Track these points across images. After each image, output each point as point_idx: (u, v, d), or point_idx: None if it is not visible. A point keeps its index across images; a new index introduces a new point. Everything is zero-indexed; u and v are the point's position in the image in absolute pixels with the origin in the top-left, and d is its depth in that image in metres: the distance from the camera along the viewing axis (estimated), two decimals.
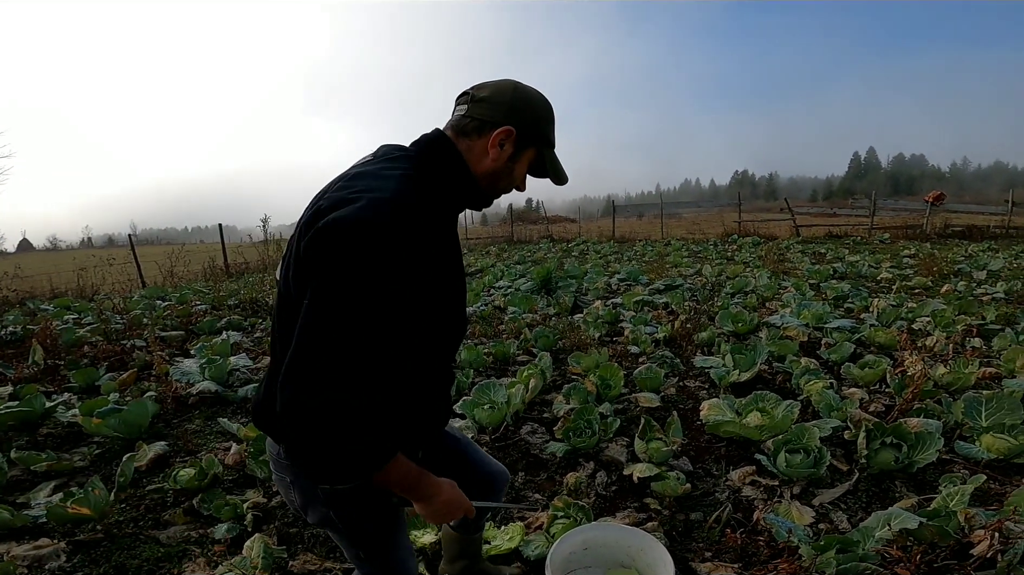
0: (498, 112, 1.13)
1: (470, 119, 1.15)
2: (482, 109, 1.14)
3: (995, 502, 2.21)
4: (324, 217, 0.95)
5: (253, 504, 2.46)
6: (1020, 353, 3.70)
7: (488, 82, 1.18)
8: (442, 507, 1.15)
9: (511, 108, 1.13)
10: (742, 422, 2.78)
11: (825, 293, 6.82)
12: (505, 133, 1.13)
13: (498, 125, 1.13)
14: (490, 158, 1.15)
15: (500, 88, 1.15)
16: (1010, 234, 15.02)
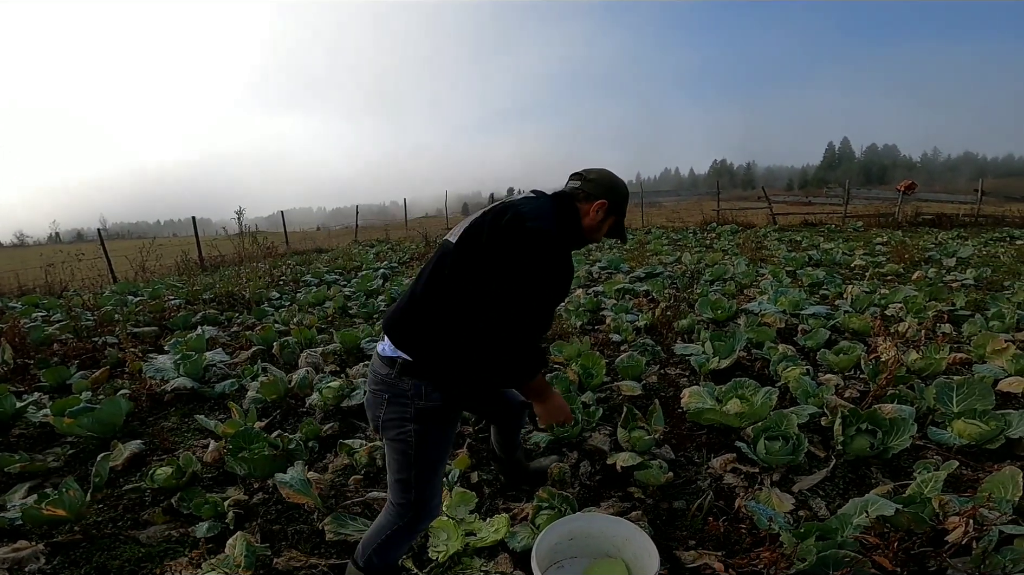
0: (599, 190, 1.79)
1: (583, 192, 1.80)
2: (590, 187, 1.79)
3: (968, 488, 2.28)
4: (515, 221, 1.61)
5: (234, 502, 2.43)
6: (990, 339, 3.81)
7: (593, 169, 1.84)
8: (554, 408, 1.82)
9: (607, 189, 1.79)
10: (722, 409, 2.82)
11: (801, 280, 6.94)
12: (601, 204, 1.78)
13: (599, 198, 1.78)
14: (590, 218, 1.79)
15: (602, 175, 1.82)
16: (979, 222, 15.45)
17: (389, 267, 9.90)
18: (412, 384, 1.63)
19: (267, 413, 3.47)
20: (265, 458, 2.57)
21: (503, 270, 1.56)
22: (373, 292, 7.39)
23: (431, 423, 1.66)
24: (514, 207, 1.67)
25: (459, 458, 2.69)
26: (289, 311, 6.19)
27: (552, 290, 1.62)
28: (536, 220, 1.62)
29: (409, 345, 1.64)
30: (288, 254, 13.79)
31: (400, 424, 1.65)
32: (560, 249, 1.63)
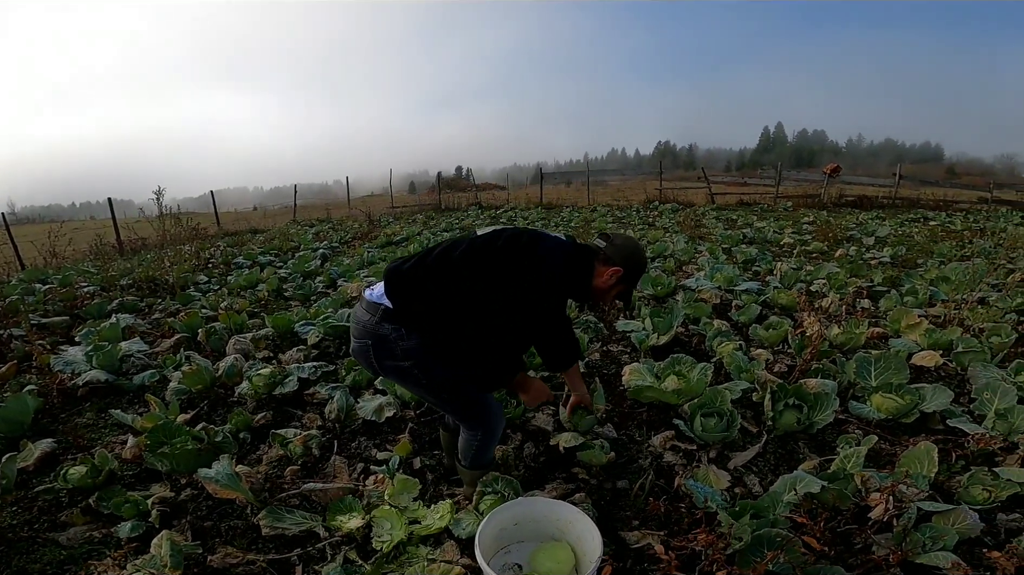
0: (619, 256, 1.89)
1: (604, 253, 1.90)
2: (612, 251, 1.90)
3: (887, 463, 2.41)
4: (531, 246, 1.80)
5: (159, 499, 2.30)
6: (904, 314, 4.08)
7: (620, 234, 1.98)
8: (536, 393, 2.02)
9: (626, 258, 1.89)
10: (661, 387, 2.87)
11: (736, 257, 7.21)
12: (616, 271, 1.88)
13: (616, 264, 1.88)
14: (603, 280, 1.90)
15: (627, 243, 1.93)
16: (896, 204, 16.56)
17: (329, 247, 9.54)
18: (391, 328, 1.79)
19: (193, 404, 3.29)
20: (188, 453, 2.43)
21: (501, 281, 1.73)
22: (310, 273, 7.09)
23: (423, 355, 1.81)
24: (541, 235, 1.86)
25: (400, 444, 2.64)
26: (218, 295, 5.84)
27: (532, 318, 1.79)
28: (550, 253, 1.79)
29: (398, 297, 1.78)
30: (219, 235, 13.04)
31: (397, 366, 1.83)
32: (556, 288, 1.79)
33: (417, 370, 1.83)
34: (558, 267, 1.78)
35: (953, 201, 17.54)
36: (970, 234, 10.21)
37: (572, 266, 1.86)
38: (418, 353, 1.81)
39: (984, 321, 4.13)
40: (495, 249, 1.77)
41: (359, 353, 1.89)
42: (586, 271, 1.89)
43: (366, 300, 1.87)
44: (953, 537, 1.76)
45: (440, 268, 1.78)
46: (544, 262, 1.76)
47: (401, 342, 1.79)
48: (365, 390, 3.30)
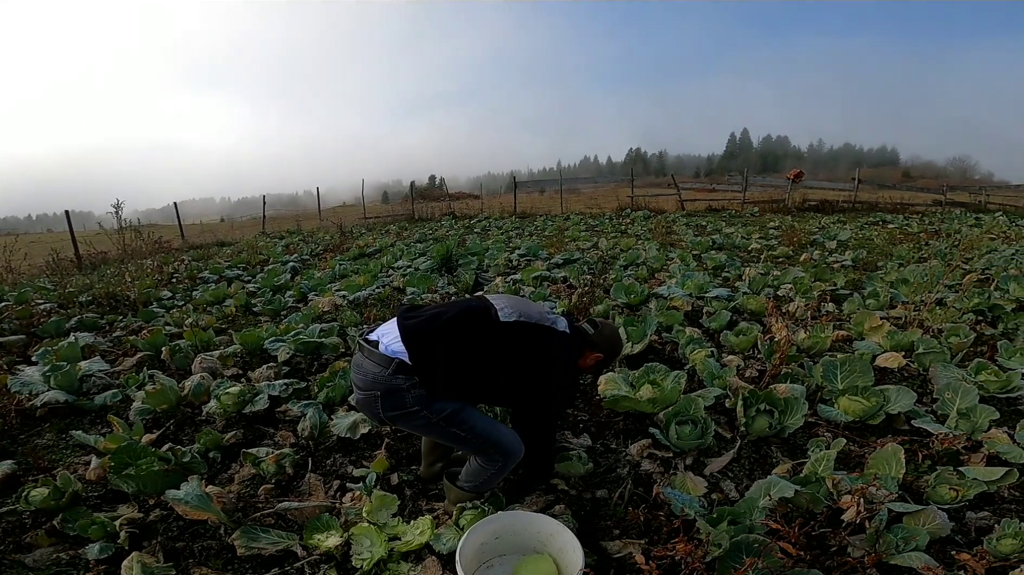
0: (603, 346, 2.21)
1: (590, 339, 2.18)
2: (598, 339, 2.19)
3: (856, 465, 2.48)
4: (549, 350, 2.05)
5: (127, 520, 2.24)
6: (867, 316, 4.21)
7: (608, 325, 2.29)
8: None
9: (608, 348, 2.24)
10: (636, 396, 2.90)
11: (706, 263, 7.34)
12: (598, 358, 2.22)
13: (599, 351, 2.21)
14: (585, 360, 2.21)
15: (612, 335, 2.27)
16: (856, 208, 17.15)
17: (300, 260, 9.36)
18: (404, 379, 1.86)
19: (158, 424, 3.19)
20: (155, 474, 2.36)
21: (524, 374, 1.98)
22: (280, 287, 6.93)
23: (435, 400, 1.89)
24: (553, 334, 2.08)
25: (377, 460, 2.60)
26: (182, 312, 5.67)
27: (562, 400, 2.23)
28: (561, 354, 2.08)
29: (420, 357, 1.86)
30: (183, 249, 12.69)
31: (410, 414, 1.90)
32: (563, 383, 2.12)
33: (424, 411, 1.89)
34: (565, 366, 2.09)
35: (909, 204, 18.27)
36: (926, 236, 10.64)
37: (572, 357, 2.14)
38: (427, 399, 1.88)
39: (943, 322, 4.29)
40: (516, 341, 1.97)
41: (365, 404, 1.96)
42: (578, 352, 2.16)
43: (378, 353, 1.89)
44: (924, 538, 1.81)
45: (462, 339, 1.92)
46: (555, 362, 2.03)
47: (413, 390, 1.86)
48: (339, 407, 3.24)
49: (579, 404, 3.25)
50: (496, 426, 2.04)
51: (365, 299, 5.86)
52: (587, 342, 2.17)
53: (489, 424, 2.02)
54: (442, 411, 1.91)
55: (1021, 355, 3.58)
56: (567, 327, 2.15)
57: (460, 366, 1.90)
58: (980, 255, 7.88)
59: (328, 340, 4.11)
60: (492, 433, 2.00)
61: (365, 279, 6.61)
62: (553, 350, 2.03)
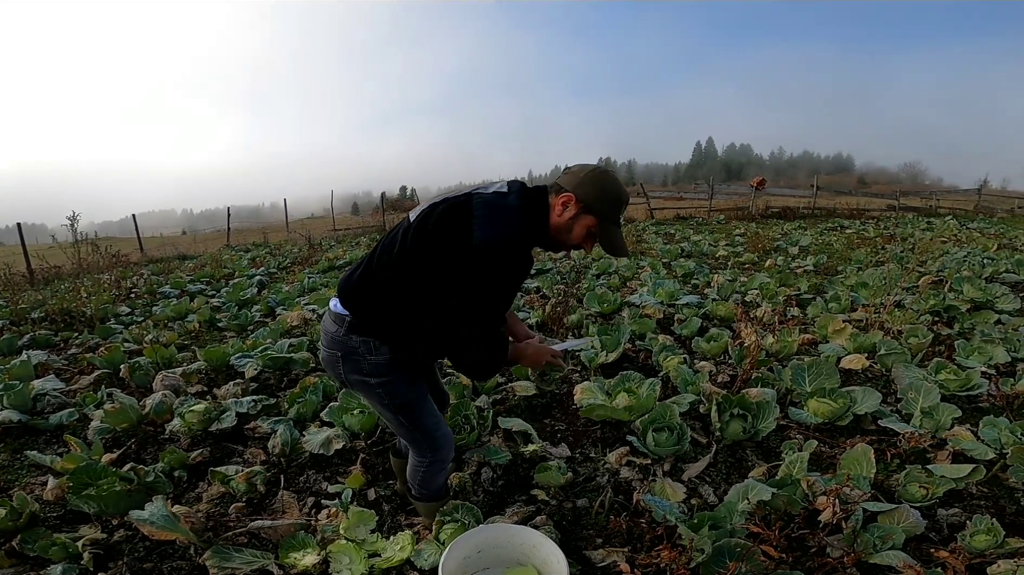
0: (570, 183, 1.59)
1: (555, 184, 1.63)
2: (564, 178, 1.62)
3: (829, 465, 2.53)
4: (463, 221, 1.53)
5: (90, 541, 2.16)
6: (830, 320, 4.33)
7: (586, 164, 1.63)
8: (532, 358, 1.82)
9: (580, 182, 1.58)
10: (612, 404, 2.90)
11: (676, 271, 7.46)
12: (566, 198, 1.59)
13: (566, 191, 1.59)
14: (555, 214, 1.62)
15: (583, 168, 1.62)
16: (815, 214, 17.78)
17: (267, 273, 9.13)
18: (360, 341, 1.70)
19: (119, 443, 3.09)
20: (117, 494, 2.29)
21: (440, 266, 1.55)
22: (247, 302, 6.74)
23: (391, 374, 1.74)
24: (470, 204, 1.57)
25: (352, 476, 2.55)
26: (142, 328, 5.46)
27: (490, 291, 1.56)
28: (484, 227, 1.51)
29: (355, 309, 1.70)
30: (142, 262, 12.25)
31: (364, 381, 1.75)
32: (503, 255, 1.51)
33: (381, 389, 1.76)
34: (494, 243, 1.49)
35: (865, 209, 19.04)
36: (882, 240, 11.07)
37: (522, 219, 1.58)
38: (384, 370, 1.74)
39: (902, 323, 4.44)
40: (428, 232, 1.56)
41: (328, 362, 1.82)
42: (539, 213, 1.63)
43: (331, 310, 1.78)
44: (900, 536, 1.85)
45: (384, 268, 1.64)
46: (484, 247, 1.49)
47: (369, 356, 1.72)
48: (311, 422, 3.16)
49: (556, 414, 3.25)
50: (439, 426, 1.94)
51: None
52: (550, 190, 1.65)
53: (434, 423, 1.91)
54: (397, 397, 1.78)
55: (978, 354, 3.74)
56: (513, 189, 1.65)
57: (391, 301, 1.64)
58: (934, 258, 8.23)
59: (298, 355, 4.00)
60: (433, 432, 1.91)
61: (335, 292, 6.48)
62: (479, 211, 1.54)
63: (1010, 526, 2.10)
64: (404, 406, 1.82)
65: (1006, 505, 2.29)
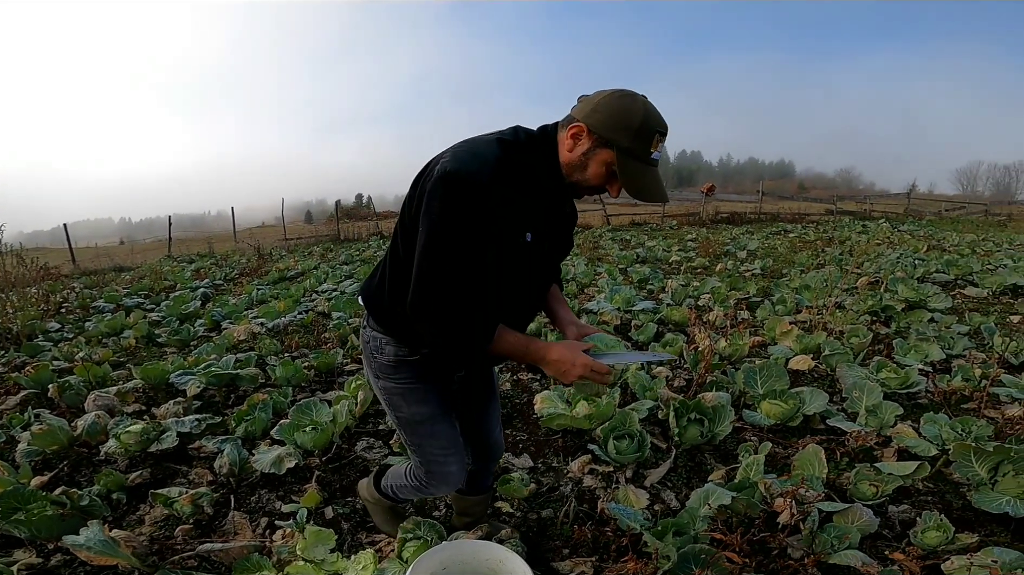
0: (582, 111, 1.28)
1: (568, 115, 1.33)
2: (578, 108, 1.31)
3: (783, 467, 2.58)
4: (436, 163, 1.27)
5: (25, 566, 2.07)
6: (777, 322, 4.48)
7: (607, 89, 1.30)
8: (555, 366, 1.36)
9: (593, 109, 1.27)
10: (572, 413, 2.89)
11: (631, 277, 7.58)
12: (577, 129, 1.28)
13: (576, 122, 1.28)
14: (566, 148, 1.31)
15: (601, 92, 1.30)
16: (761, 219, 18.53)
17: (211, 285, 8.72)
18: (371, 336, 1.54)
19: (50, 466, 2.91)
20: (49, 518, 2.16)
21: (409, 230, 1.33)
22: (189, 316, 6.39)
23: (395, 379, 1.55)
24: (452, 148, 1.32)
25: (307, 495, 2.44)
26: (72, 345, 5.10)
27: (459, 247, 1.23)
28: (455, 160, 1.23)
29: (366, 299, 1.55)
30: (74, 275, 11.51)
31: (375, 379, 1.60)
32: (468, 194, 1.20)
33: (385, 394, 1.60)
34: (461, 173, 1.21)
35: (805, 214, 20.01)
36: (822, 243, 11.64)
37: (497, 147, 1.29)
38: (391, 372, 1.54)
39: (843, 324, 4.65)
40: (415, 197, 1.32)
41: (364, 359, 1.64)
42: (547, 144, 1.34)
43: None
44: (856, 535, 1.89)
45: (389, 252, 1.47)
46: (445, 177, 1.21)
47: (377, 354, 1.54)
48: (260, 441, 3.02)
49: (517, 424, 3.21)
50: (445, 460, 1.70)
51: (286, 326, 5.53)
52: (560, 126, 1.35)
53: (437, 455, 1.68)
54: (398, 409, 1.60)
55: (915, 352, 3.94)
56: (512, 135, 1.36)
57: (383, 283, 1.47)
58: (870, 260, 8.69)
59: (245, 371, 3.82)
60: (430, 464, 1.70)
61: (286, 304, 6.24)
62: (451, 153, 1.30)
63: (958, 521, 2.19)
64: (406, 423, 1.62)
65: (952, 500, 2.37)
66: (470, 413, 1.85)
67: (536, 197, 1.36)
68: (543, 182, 1.36)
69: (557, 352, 1.36)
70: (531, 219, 1.35)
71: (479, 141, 1.33)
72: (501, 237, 1.29)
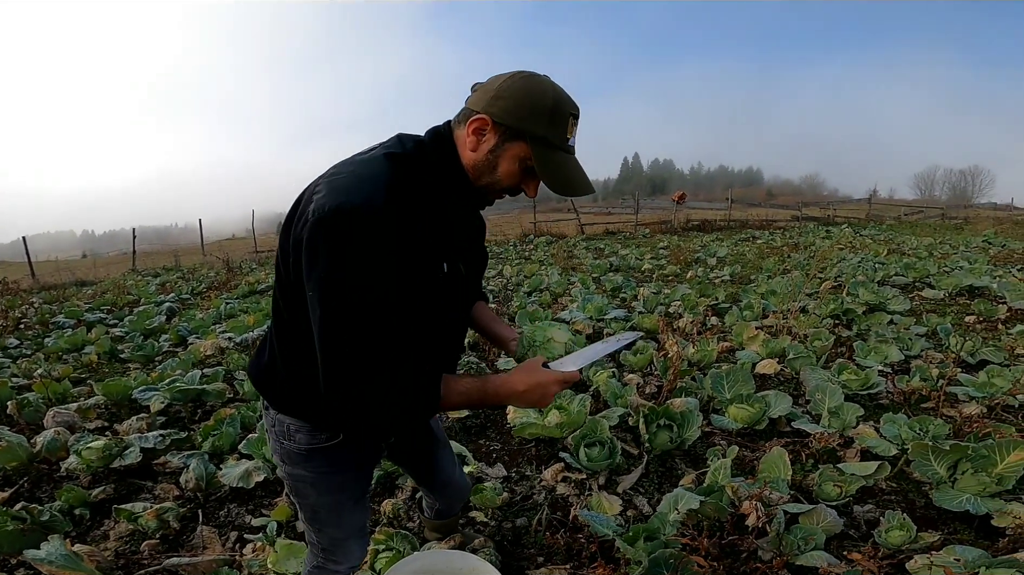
0: (481, 100, 1.10)
1: (463, 108, 1.14)
2: (474, 98, 1.12)
3: (751, 469, 2.64)
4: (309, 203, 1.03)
5: None
6: (745, 328, 4.59)
7: (502, 73, 1.13)
8: (527, 397, 1.17)
9: (495, 96, 1.08)
10: (544, 422, 2.91)
11: (604, 285, 7.65)
12: (480, 122, 1.09)
13: (476, 114, 1.09)
14: (468, 148, 1.12)
15: (498, 77, 1.11)
16: (731, 226, 18.96)
17: (178, 299, 8.49)
18: (277, 420, 1.26)
19: (9, 482, 2.88)
20: (10, 534, 2.19)
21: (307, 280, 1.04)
22: (154, 331, 6.21)
23: (308, 467, 1.29)
24: (326, 177, 1.09)
25: (277, 508, 2.42)
26: (31, 361, 4.93)
27: (365, 303, 1.00)
28: (333, 193, 1.01)
29: (257, 382, 1.30)
30: (33, 290, 11.10)
31: (281, 464, 1.33)
32: (359, 233, 0.98)
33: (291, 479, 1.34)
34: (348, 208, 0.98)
35: (773, 220, 20.56)
36: (788, 249, 11.95)
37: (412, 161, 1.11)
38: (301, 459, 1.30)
39: (807, 328, 4.78)
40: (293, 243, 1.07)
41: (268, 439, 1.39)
42: (444, 149, 1.14)
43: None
44: (821, 536, 1.94)
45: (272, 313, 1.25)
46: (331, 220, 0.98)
47: (284, 440, 1.29)
48: (228, 455, 2.97)
49: (491, 434, 3.21)
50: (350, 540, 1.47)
51: (255, 340, 5.43)
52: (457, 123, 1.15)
53: (343, 536, 1.44)
54: (307, 498, 1.36)
55: (875, 354, 4.08)
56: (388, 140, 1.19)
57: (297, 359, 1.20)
58: (832, 264, 8.96)
59: (212, 386, 3.74)
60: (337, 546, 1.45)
61: (256, 318, 6.11)
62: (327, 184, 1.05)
63: (922, 520, 2.25)
64: (310, 508, 1.38)
65: (916, 499, 2.44)
66: (419, 464, 1.76)
67: (443, 216, 1.15)
68: (448, 196, 1.16)
69: (522, 382, 1.16)
70: (442, 245, 1.16)
71: (358, 162, 1.10)
72: (412, 276, 1.07)
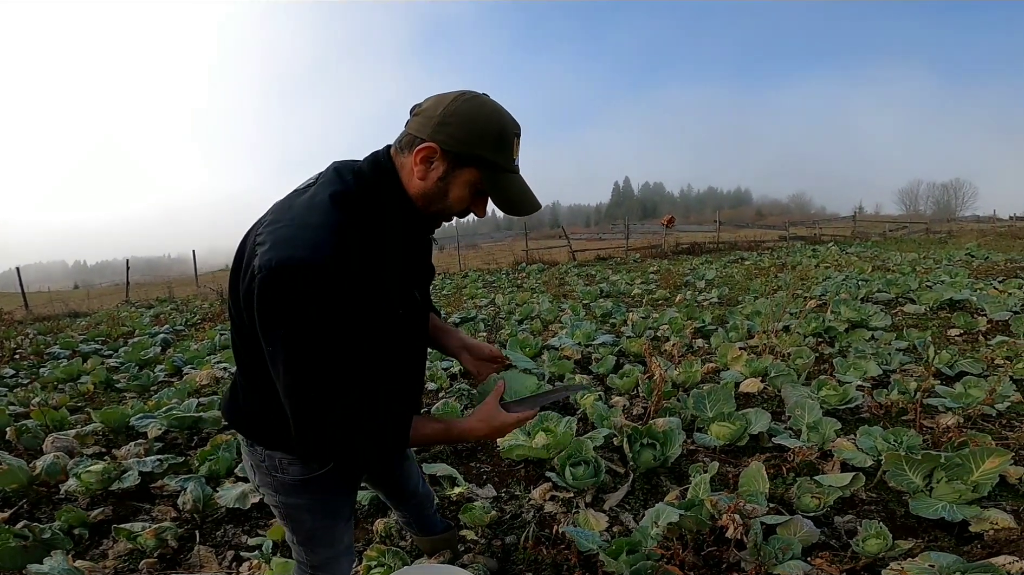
0: (426, 127, 1.07)
1: (405, 134, 1.12)
2: (416, 123, 1.10)
3: (733, 484, 2.70)
4: (254, 256, 1.02)
5: None
6: (729, 348, 4.72)
7: (441, 94, 1.11)
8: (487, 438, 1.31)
9: (440, 123, 1.06)
10: (531, 444, 3.01)
11: (594, 312, 7.75)
12: (428, 151, 1.07)
13: (423, 141, 1.07)
14: (416, 177, 1.10)
15: (440, 100, 1.09)
16: (720, 247, 19.25)
17: (172, 331, 8.55)
18: (266, 455, 1.28)
19: (10, 503, 2.97)
20: (12, 550, 2.27)
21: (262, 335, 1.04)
22: (148, 362, 6.27)
23: (304, 496, 1.34)
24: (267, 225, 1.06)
25: (273, 527, 2.48)
26: (28, 391, 5.00)
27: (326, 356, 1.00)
28: (277, 247, 0.99)
29: (236, 423, 1.32)
30: (27, 321, 11.11)
31: (272, 495, 1.35)
32: (309, 288, 0.97)
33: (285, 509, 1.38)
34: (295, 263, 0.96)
35: (761, 241, 20.92)
36: (775, 269, 12.14)
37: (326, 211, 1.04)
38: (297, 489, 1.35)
39: (789, 346, 4.91)
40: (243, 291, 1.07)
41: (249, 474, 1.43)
42: (387, 180, 1.12)
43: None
44: (798, 546, 2.00)
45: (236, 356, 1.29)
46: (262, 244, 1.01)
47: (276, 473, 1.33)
48: (225, 479, 3.05)
49: (481, 457, 3.30)
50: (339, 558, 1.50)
51: None
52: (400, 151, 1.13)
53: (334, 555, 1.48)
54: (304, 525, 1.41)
55: (854, 369, 4.20)
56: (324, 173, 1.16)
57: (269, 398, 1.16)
58: (816, 283, 9.14)
59: (208, 414, 3.82)
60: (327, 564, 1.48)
61: None
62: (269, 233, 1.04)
63: (902, 528, 2.32)
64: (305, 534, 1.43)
65: (895, 508, 2.50)
66: (388, 476, 1.83)
67: (395, 254, 1.13)
68: (398, 231, 1.14)
69: (482, 427, 1.23)
70: (397, 285, 1.15)
71: (299, 207, 1.06)
72: (369, 320, 1.06)
